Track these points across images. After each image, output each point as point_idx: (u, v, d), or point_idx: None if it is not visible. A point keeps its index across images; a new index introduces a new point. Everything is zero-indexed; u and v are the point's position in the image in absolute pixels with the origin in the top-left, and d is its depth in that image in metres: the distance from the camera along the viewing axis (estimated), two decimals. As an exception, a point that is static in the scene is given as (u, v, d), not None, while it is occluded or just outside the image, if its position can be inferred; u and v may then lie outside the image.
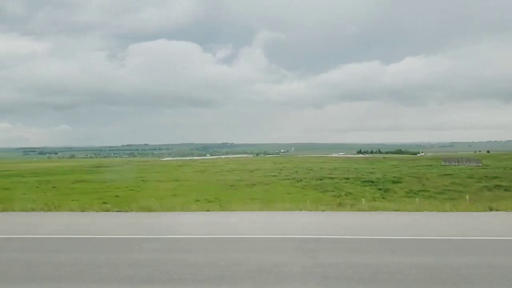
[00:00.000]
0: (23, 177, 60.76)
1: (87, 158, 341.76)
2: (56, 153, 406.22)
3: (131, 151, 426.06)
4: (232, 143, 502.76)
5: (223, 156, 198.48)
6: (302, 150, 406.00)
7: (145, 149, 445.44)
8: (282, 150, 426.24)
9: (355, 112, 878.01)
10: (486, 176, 48.83)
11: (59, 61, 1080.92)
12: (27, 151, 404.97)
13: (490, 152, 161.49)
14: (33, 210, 14.45)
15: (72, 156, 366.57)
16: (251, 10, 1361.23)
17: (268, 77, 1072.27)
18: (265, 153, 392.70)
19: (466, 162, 78.71)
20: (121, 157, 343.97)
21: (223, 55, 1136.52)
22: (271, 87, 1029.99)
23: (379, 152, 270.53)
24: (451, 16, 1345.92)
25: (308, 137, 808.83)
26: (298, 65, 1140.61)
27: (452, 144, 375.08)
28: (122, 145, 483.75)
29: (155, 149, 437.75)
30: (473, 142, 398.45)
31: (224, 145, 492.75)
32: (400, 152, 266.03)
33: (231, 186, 43.52)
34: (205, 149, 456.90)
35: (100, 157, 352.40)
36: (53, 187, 42.73)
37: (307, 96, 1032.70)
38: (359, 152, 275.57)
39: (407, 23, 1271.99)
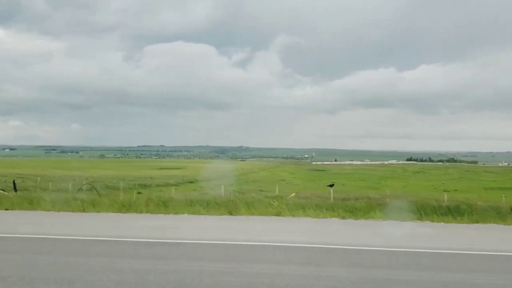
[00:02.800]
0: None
1: (117, 158, 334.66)
2: (77, 152, 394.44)
3: (150, 152, 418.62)
4: (248, 147, 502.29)
5: (326, 162, 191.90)
6: (321, 155, 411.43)
7: (165, 151, 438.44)
8: (306, 156, 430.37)
9: (370, 119, 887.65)
10: None
11: (76, 61, 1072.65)
12: (47, 149, 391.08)
13: None
14: None
15: (102, 156, 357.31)
16: (269, 14, 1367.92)
17: (282, 81, 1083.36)
18: (291, 158, 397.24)
19: None
20: (150, 157, 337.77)
21: (239, 58, 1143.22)
22: (285, 91, 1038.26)
23: (430, 160, 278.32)
24: (470, 25, 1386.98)
25: (322, 142, 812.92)
26: (313, 70, 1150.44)
27: (474, 154, 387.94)
28: (137, 146, 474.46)
29: (175, 151, 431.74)
30: (492, 152, 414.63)
31: (240, 148, 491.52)
32: (453, 160, 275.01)
33: None
34: (223, 152, 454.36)
35: (129, 157, 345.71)
36: None
37: (321, 101, 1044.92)
38: (409, 159, 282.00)
39: (425, 30, 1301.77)
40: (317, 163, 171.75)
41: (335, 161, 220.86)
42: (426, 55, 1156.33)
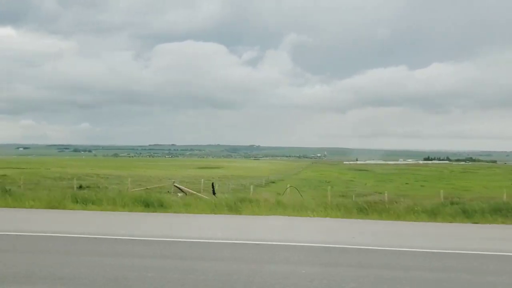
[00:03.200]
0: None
1: (131, 157, 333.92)
2: (89, 150, 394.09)
3: (161, 151, 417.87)
4: (259, 146, 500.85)
5: (359, 162, 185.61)
6: (332, 155, 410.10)
7: (177, 149, 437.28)
8: (319, 154, 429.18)
9: (380, 118, 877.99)
10: None
11: (85, 60, 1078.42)
12: (60, 148, 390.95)
13: None
14: None
15: (116, 155, 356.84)
16: (278, 13, 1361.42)
17: (292, 80, 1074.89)
18: (304, 157, 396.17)
19: None
20: (163, 156, 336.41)
21: (249, 57, 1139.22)
22: (295, 90, 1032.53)
23: (448, 159, 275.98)
24: (482, 23, 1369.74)
25: (332, 141, 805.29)
26: (323, 69, 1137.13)
27: (489, 154, 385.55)
28: (149, 145, 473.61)
29: (187, 150, 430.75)
30: (506, 151, 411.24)
31: (251, 147, 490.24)
32: (471, 160, 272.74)
33: None
34: (234, 151, 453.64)
35: (143, 156, 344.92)
36: None
37: (330, 100, 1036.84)
38: (426, 159, 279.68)
39: (437, 28, 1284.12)
40: (350, 162, 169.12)
41: (356, 160, 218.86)
42: (437, 54, 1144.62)
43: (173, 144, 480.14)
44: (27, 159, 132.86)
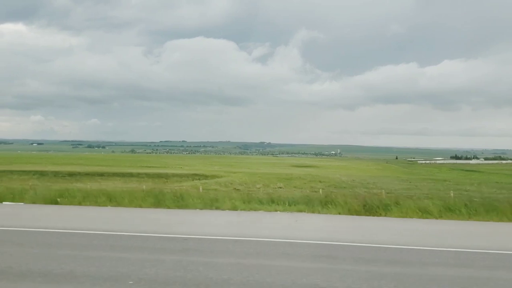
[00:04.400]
0: None
1: (149, 153, 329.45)
2: (103, 147, 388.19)
3: (174, 147, 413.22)
4: (270, 143, 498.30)
5: (439, 161, 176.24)
6: (345, 152, 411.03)
7: (189, 146, 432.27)
8: (333, 152, 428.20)
9: (389, 115, 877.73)
10: None
11: (96, 56, 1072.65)
12: (74, 144, 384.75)
13: None
14: None
15: (133, 151, 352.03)
16: (290, 9, 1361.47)
17: (302, 77, 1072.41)
18: (321, 154, 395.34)
19: None
20: (180, 153, 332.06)
21: (259, 54, 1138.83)
22: (305, 87, 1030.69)
23: (476, 157, 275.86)
24: (494, 20, 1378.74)
25: (341, 138, 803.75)
26: (333, 65, 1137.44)
27: (503, 152, 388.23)
28: (160, 141, 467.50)
29: (199, 147, 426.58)
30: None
31: (262, 144, 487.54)
32: (500, 158, 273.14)
33: None
34: (246, 147, 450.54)
35: (160, 153, 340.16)
36: None
37: (341, 97, 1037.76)
38: (453, 157, 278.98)
39: (448, 25, 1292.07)
40: (426, 162, 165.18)
41: (396, 158, 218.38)
42: (448, 50, 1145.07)
43: (183, 141, 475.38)
44: (78, 156, 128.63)
